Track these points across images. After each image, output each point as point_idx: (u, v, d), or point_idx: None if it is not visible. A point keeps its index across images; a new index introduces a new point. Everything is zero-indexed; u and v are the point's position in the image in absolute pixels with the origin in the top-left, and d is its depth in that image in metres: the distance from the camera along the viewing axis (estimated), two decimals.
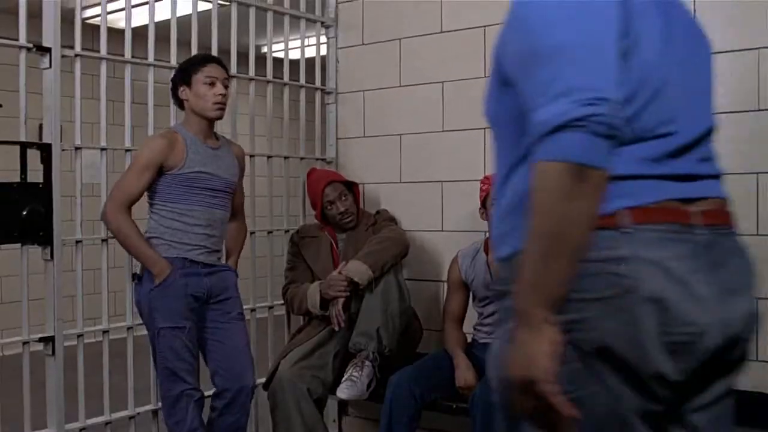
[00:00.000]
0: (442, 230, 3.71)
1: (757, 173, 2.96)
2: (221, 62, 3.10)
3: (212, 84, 2.98)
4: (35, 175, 2.84)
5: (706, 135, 1.41)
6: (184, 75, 3.03)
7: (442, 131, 3.71)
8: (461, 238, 3.53)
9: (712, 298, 1.29)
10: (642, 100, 1.30)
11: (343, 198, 3.41)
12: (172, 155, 2.92)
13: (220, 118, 3.06)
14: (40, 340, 2.86)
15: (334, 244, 3.43)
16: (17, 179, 2.80)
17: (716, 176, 1.42)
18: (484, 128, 3.33)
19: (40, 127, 2.95)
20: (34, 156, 2.85)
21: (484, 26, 3.56)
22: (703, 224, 1.31)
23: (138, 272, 2.98)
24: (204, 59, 3.06)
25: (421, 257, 3.73)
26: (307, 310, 3.26)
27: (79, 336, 3.03)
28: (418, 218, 3.75)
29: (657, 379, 1.27)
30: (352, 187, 3.52)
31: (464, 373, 3.07)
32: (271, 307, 3.75)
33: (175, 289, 2.90)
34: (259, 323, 3.62)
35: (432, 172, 3.74)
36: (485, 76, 3.40)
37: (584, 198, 1.20)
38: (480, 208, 3.18)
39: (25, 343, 2.85)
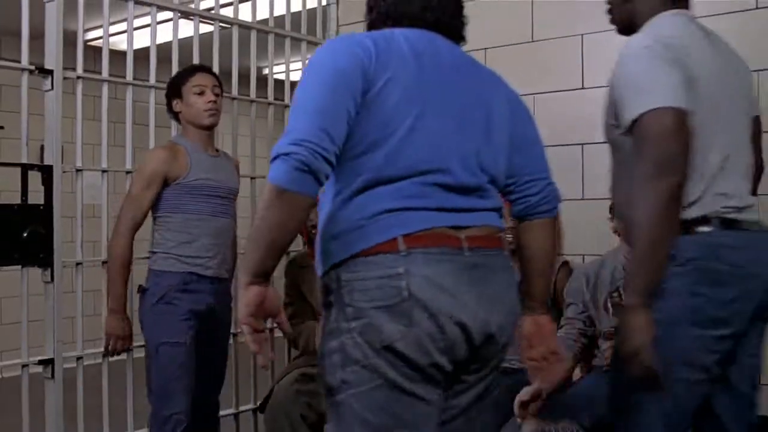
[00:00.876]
0: None
1: (582, 144, 3.16)
2: (209, 70, 3.14)
3: (202, 93, 3.01)
4: (36, 196, 2.84)
5: (479, 171, 1.72)
6: (174, 88, 3.07)
7: None
8: None
9: (475, 306, 1.63)
10: (392, 146, 1.63)
11: None
12: (175, 165, 2.95)
13: (214, 124, 3.08)
14: (40, 362, 2.85)
15: None
16: (18, 201, 2.79)
17: (488, 209, 1.75)
18: None
19: (42, 148, 2.95)
20: (35, 177, 2.85)
21: (485, 48, 3.57)
22: (469, 247, 1.65)
23: (144, 285, 2.98)
24: (192, 69, 3.10)
25: None
26: (314, 348, 3.13)
27: (79, 358, 3.02)
28: None
29: (434, 367, 1.62)
30: None
31: None
32: (271, 330, 3.73)
33: (178, 304, 2.90)
34: None
35: None
36: None
37: (278, 209, 1.55)
38: None
39: (24, 365, 2.84)
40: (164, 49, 3.32)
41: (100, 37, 3.22)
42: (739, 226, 1.90)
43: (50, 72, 2.88)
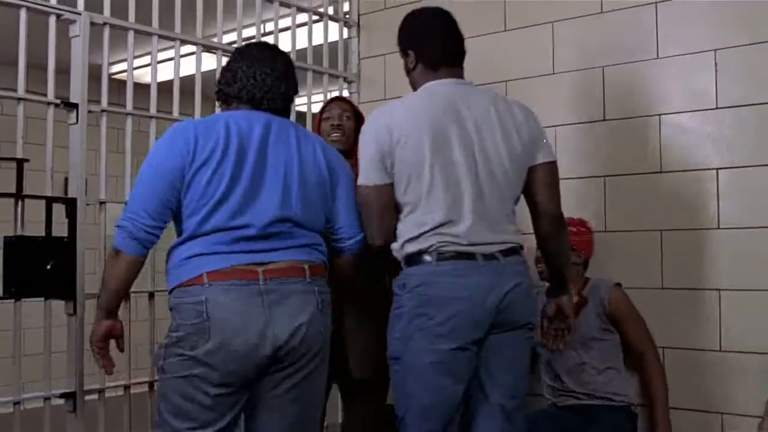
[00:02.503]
0: None
1: (605, 176, 3.27)
2: None
3: None
4: (60, 227, 2.86)
5: (276, 221, 2.28)
6: None
7: None
8: None
9: (262, 325, 2.20)
10: (204, 213, 2.23)
11: (345, 117, 3.19)
12: None
13: None
14: (62, 395, 2.84)
15: None
16: (42, 232, 2.81)
17: (293, 247, 2.31)
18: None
19: (66, 180, 2.98)
20: (59, 209, 2.88)
21: (506, 81, 3.58)
22: (265, 278, 2.23)
23: None
24: None
25: None
26: None
27: (101, 391, 3.01)
28: None
29: (229, 373, 2.19)
30: (360, 120, 3.23)
31: None
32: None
33: None
34: None
35: None
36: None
37: (115, 266, 2.27)
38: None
39: (46, 398, 2.84)
40: (187, 82, 3.36)
41: (125, 71, 3.26)
42: (460, 258, 2.36)
43: (75, 106, 2.91)
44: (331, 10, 4.08)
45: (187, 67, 3.41)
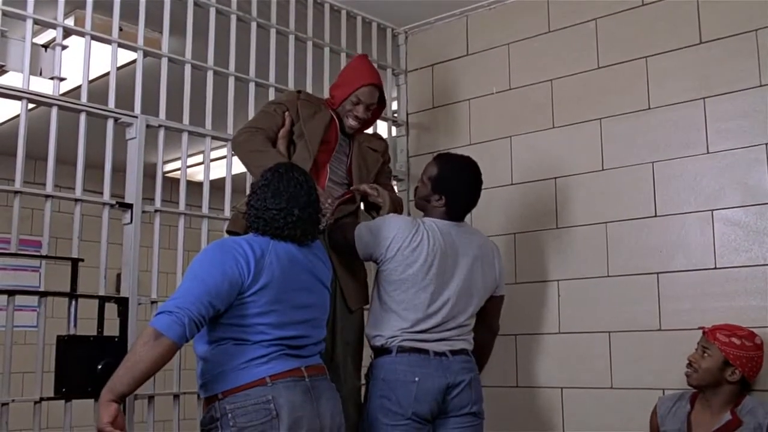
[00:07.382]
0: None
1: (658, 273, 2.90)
2: None
3: None
4: (112, 324, 2.90)
5: (311, 335, 2.50)
6: None
7: None
8: None
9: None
10: (257, 329, 2.38)
11: (371, 107, 3.15)
12: None
13: None
14: None
15: (333, 120, 3.13)
16: (94, 330, 2.85)
17: (315, 354, 2.54)
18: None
19: (118, 276, 3.02)
20: (111, 307, 2.92)
21: (555, 177, 3.59)
22: (307, 375, 2.42)
23: None
24: None
25: None
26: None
27: None
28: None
29: None
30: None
31: None
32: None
33: None
34: None
35: None
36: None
37: (151, 347, 2.18)
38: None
39: None
40: (239, 180, 3.43)
41: (178, 169, 3.32)
42: (416, 353, 2.80)
43: (130, 206, 2.98)
44: None
45: (238, 166, 3.47)
